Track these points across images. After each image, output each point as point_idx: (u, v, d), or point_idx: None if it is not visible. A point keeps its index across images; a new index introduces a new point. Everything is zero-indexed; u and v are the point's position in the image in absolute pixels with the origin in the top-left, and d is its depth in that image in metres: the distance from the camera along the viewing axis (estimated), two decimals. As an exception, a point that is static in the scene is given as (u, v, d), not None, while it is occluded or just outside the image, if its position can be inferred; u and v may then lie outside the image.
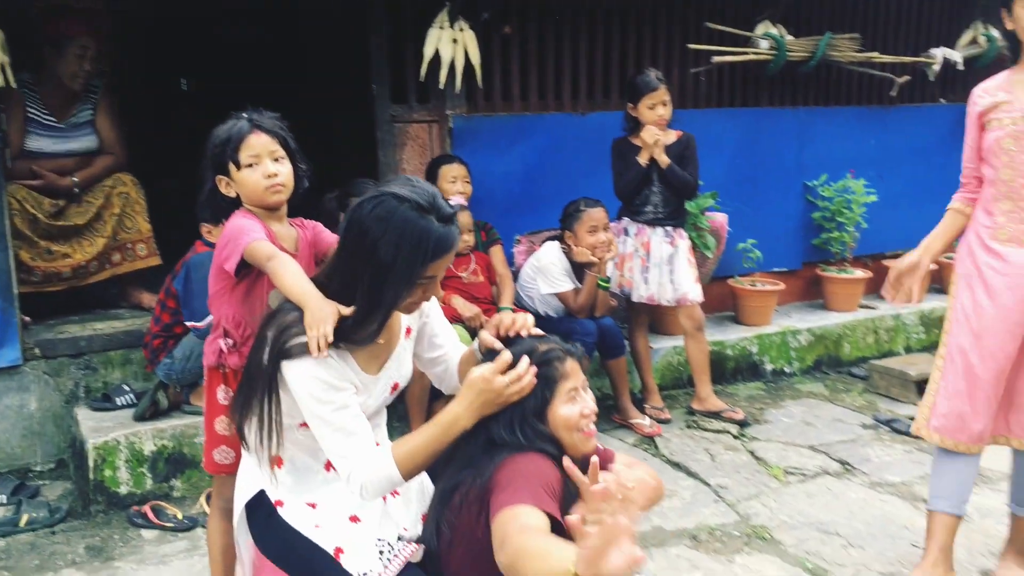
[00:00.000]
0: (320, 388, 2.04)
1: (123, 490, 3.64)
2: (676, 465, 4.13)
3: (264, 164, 2.50)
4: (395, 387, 2.30)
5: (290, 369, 2.06)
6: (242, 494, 2.34)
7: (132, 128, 4.87)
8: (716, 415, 4.58)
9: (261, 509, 2.29)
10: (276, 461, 2.23)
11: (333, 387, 2.05)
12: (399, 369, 2.29)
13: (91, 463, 3.58)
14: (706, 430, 4.51)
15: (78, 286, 4.33)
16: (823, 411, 4.83)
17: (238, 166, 2.50)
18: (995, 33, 6.00)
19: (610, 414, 4.60)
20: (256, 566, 2.39)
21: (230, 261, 2.43)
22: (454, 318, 4.11)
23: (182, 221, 3.75)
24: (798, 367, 5.40)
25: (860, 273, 5.73)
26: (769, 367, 5.31)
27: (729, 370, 5.19)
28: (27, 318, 4.04)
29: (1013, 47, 2.96)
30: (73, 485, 3.86)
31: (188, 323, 3.68)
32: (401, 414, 4.12)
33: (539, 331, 2.23)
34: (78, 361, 4.04)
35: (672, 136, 4.42)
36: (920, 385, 4.75)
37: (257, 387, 2.13)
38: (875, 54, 5.69)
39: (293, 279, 2.23)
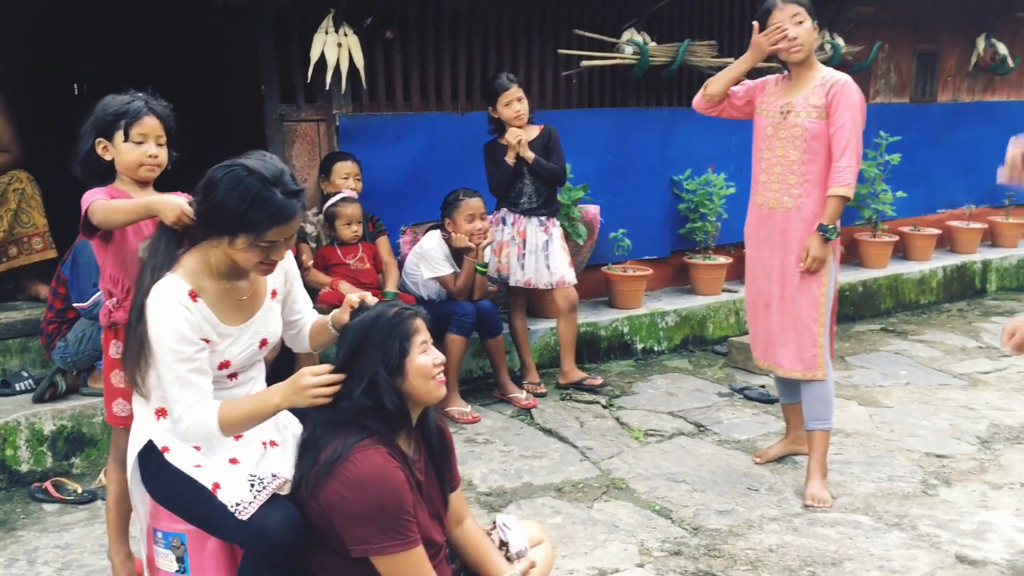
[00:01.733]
0: (173, 338, 2.35)
1: (24, 468, 3.85)
2: (548, 432, 4.53)
3: (148, 144, 2.84)
4: (263, 342, 2.61)
5: (151, 317, 2.36)
6: (134, 445, 2.62)
7: (30, 129, 5.03)
8: (578, 384, 5.01)
9: (151, 458, 2.58)
10: (160, 412, 2.52)
11: (184, 339, 2.36)
12: (266, 326, 2.61)
13: (-8, 443, 3.78)
14: (578, 401, 4.94)
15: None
16: (685, 383, 5.31)
17: (126, 138, 2.82)
18: (839, 41, 6.62)
19: (491, 390, 4.98)
20: (152, 513, 2.69)
21: (81, 224, 2.79)
22: (332, 303, 4.40)
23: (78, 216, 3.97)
24: (666, 346, 5.88)
25: (722, 260, 6.26)
26: (640, 346, 5.78)
27: (603, 349, 5.63)
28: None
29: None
30: (-26, 467, 4.03)
31: (76, 304, 3.90)
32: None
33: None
34: (-23, 349, 4.21)
35: (534, 131, 4.83)
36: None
37: (134, 337, 2.44)
38: (731, 59, 6.19)
39: (130, 204, 2.64)
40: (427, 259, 4.73)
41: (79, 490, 3.77)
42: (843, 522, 3.56)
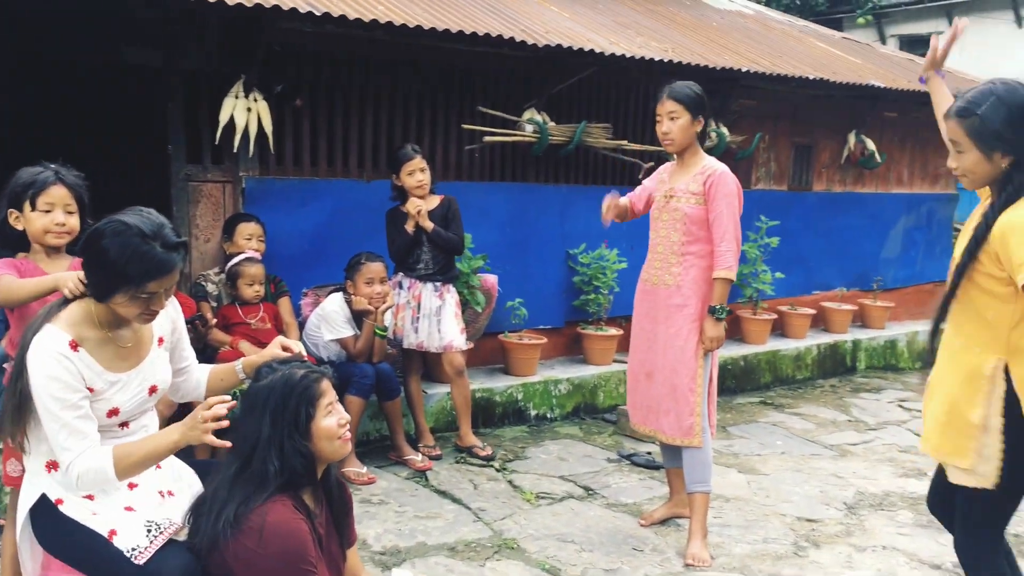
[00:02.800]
0: (55, 387, 2.42)
1: (-99, 522, 3.70)
2: (443, 493, 4.62)
3: (56, 212, 2.94)
4: (153, 389, 2.69)
5: (31, 369, 2.43)
6: (25, 501, 2.63)
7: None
8: (470, 450, 5.13)
9: (44, 512, 2.59)
10: (52, 465, 2.54)
11: (67, 386, 2.43)
12: (154, 373, 2.69)
13: None
14: (472, 464, 5.05)
15: None
16: (576, 449, 5.49)
17: (33, 208, 2.90)
18: (724, 130, 7.08)
19: (387, 452, 5.05)
20: (44, 564, 2.68)
21: None
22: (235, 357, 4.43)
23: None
24: (559, 412, 6.07)
25: (613, 331, 6.53)
26: (533, 412, 5.95)
27: (498, 415, 5.77)
28: None
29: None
30: None
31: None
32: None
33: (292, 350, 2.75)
34: None
35: (435, 201, 5.03)
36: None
37: (13, 393, 2.49)
38: (624, 141, 6.59)
39: (33, 283, 2.80)
40: (328, 321, 4.82)
41: (-41, 546, 3.66)
42: (720, 581, 3.76)
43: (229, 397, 2.48)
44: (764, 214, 7.31)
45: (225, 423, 2.42)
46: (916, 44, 17.43)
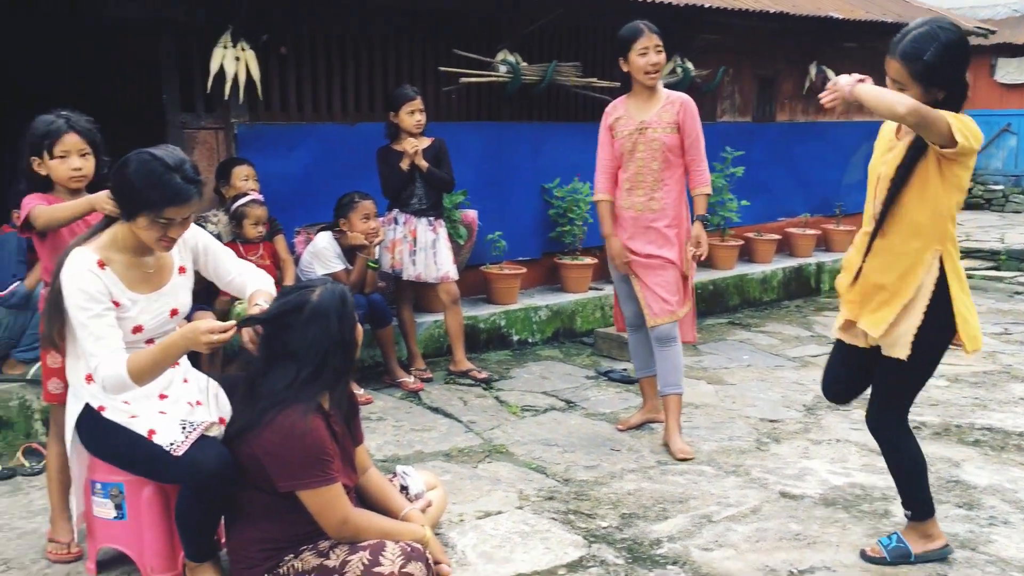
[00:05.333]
0: (82, 297, 2.78)
1: (-57, 449, 4.07)
2: (435, 410, 5.02)
3: (72, 159, 3.23)
4: (174, 312, 3.06)
5: (63, 281, 2.80)
6: (71, 411, 3.00)
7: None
8: (465, 374, 5.52)
9: (88, 419, 2.95)
10: (90, 377, 2.89)
11: (92, 298, 2.79)
12: (175, 297, 3.06)
13: (-88, 426, 3.99)
14: (461, 384, 5.45)
15: None
16: (557, 368, 5.90)
17: (51, 156, 3.20)
18: (689, 65, 7.39)
19: (381, 376, 5.44)
20: (89, 467, 3.05)
21: (20, 222, 3.26)
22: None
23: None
24: (540, 337, 6.47)
25: (589, 260, 6.91)
26: (515, 338, 6.34)
27: (482, 341, 6.16)
28: None
29: (627, 84, 4.45)
30: None
31: (-7, 293, 4.18)
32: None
33: None
34: None
35: (426, 142, 5.34)
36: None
37: (50, 301, 2.86)
38: (594, 79, 6.90)
39: (72, 204, 3.09)
40: (320, 257, 5.15)
41: (-1, 468, 4.03)
42: (690, 471, 4.19)
43: (232, 324, 2.79)
44: (729, 145, 7.65)
45: (223, 338, 2.74)
46: (880, -25, 17.60)
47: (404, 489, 3.33)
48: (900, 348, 3.13)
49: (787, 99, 8.76)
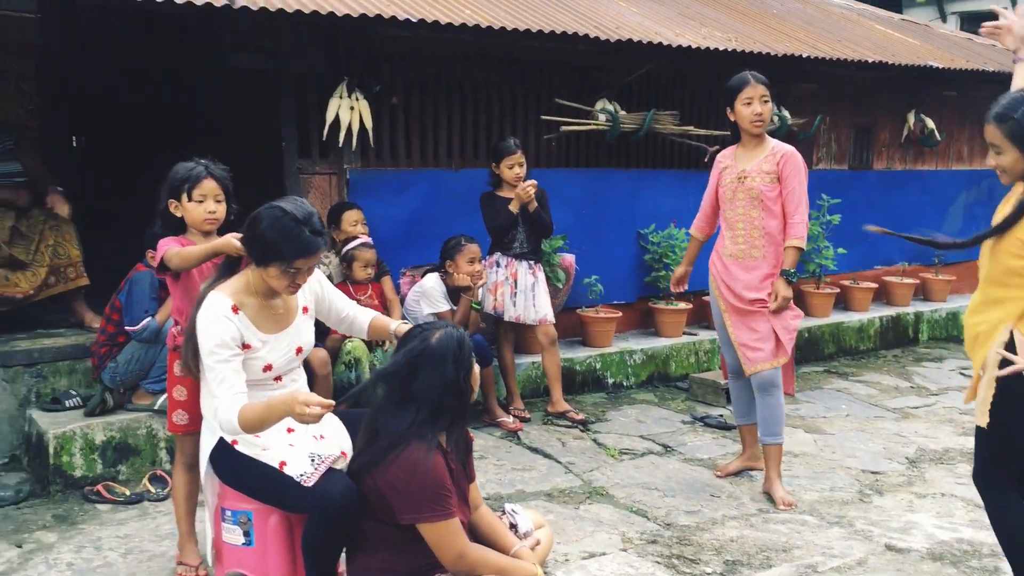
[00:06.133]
0: (214, 342, 2.96)
1: (78, 473, 4.34)
2: (534, 450, 5.12)
3: (208, 203, 3.46)
4: (299, 350, 3.23)
5: (199, 324, 2.99)
6: (206, 445, 3.19)
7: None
8: (563, 415, 5.62)
9: (222, 452, 3.14)
10: None
11: (223, 344, 2.96)
12: (299, 337, 3.23)
13: (51, 451, 4.27)
14: (558, 426, 5.54)
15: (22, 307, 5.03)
16: (652, 412, 5.95)
17: (189, 199, 3.43)
18: (786, 113, 7.43)
19: (481, 415, 5.56)
20: (220, 494, 3.23)
21: (155, 263, 3.48)
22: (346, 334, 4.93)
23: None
24: (634, 381, 6.53)
25: (683, 305, 6.95)
26: (610, 380, 6.42)
27: (578, 382, 6.25)
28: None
29: (735, 133, 4.52)
30: (28, 474, 4.50)
31: (128, 328, 4.44)
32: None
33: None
34: (31, 370, 4.71)
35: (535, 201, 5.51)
36: (728, 392, 5.93)
37: (189, 342, 3.07)
38: (691, 127, 6.99)
39: (201, 248, 3.28)
40: (427, 297, 5.33)
41: (127, 493, 4.27)
42: (792, 520, 4.19)
43: (331, 402, 2.90)
44: (826, 192, 7.64)
45: (316, 413, 2.83)
46: (977, 21, 17.34)
47: (513, 527, 3.42)
48: (979, 416, 3.07)
49: (884, 147, 8.70)
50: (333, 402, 2.90)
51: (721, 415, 5.82)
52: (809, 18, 8.81)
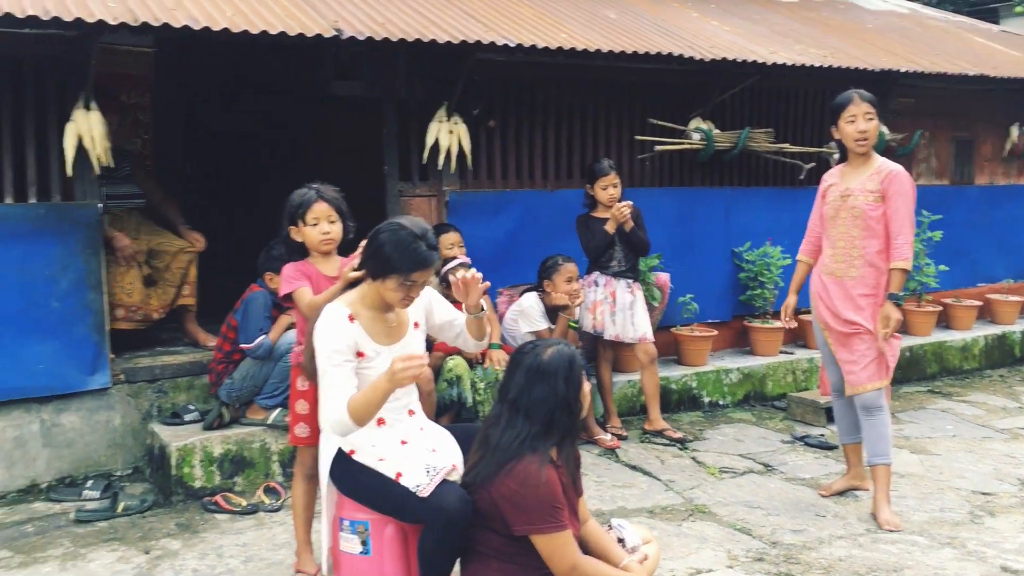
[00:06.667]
0: (329, 347, 3.09)
1: (197, 484, 4.54)
2: (633, 467, 5.14)
3: (322, 224, 3.61)
4: None
5: (316, 331, 3.13)
6: (325, 455, 3.31)
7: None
8: (660, 433, 5.62)
9: (340, 462, 3.26)
10: None
11: (338, 350, 3.09)
12: (410, 349, 3.30)
13: (173, 462, 4.49)
14: (656, 444, 5.55)
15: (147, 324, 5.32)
16: (751, 431, 5.91)
17: (304, 222, 3.59)
18: (884, 129, 7.32)
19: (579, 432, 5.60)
20: (338, 504, 3.35)
21: (280, 293, 3.69)
22: (447, 352, 5.05)
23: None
24: (730, 400, 6.49)
25: (779, 324, 6.85)
26: (706, 399, 6.39)
27: (673, 401, 6.24)
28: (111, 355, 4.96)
29: (842, 151, 4.51)
30: (151, 485, 4.74)
31: (242, 346, 4.64)
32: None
33: None
34: (153, 386, 4.96)
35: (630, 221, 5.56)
36: (829, 411, 5.85)
37: (310, 355, 3.21)
38: (786, 145, 6.95)
39: (325, 295, 3.43)
40: (526, 316, 5.42)
41: (243, 503, 4.45)
42: (902, 541, 4.12)
43: (424, 355, 3.02)
44: (926, 209, 7.47)
45: (418, 368, 2.92)
46: (1081, 29, 16.73)
47: (621, 541, 3.46)
48: None
49: (986, 161, 8.48)
50: (426, 355, 3.02)
51: (822, 434, 5.75)
52: (905, 31, 8.66)
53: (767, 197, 7.10)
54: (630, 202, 5.47)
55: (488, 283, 3.35)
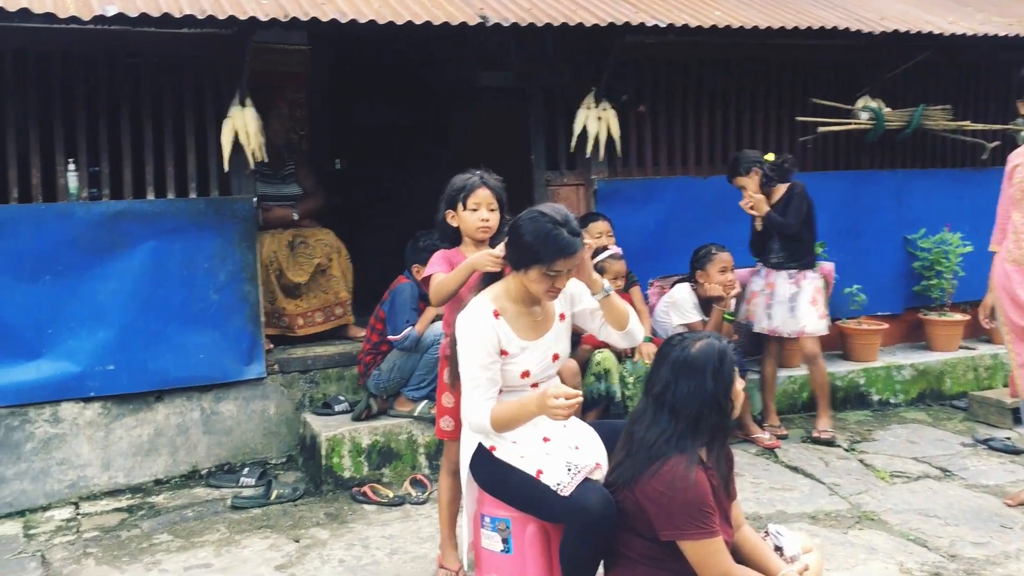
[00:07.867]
0: (472, 346, 2.97)
1: (346, 474, 4.59)
2: (794, 469, 4.83)
3: (481, 211, 3.50)
4: (555, 356, 3.18)
5: (459, 327, 3.03)
6: (466, 451, 3.23)
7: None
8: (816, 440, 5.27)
9: (481, 458, 3.17)
10: None
11: (483, 348, 2.97)
12: (557, 343, 3.18)
13: (323, 452, 4.55)
14: (819, 444, 5.20)
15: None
16: (926, 433, 5.46)
17: (464, 207, 3.50)
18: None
19: (733, 430, 5.33)
20: (479, 501, 3.27)
21: (421, 276, 3.65)
22: (595, 345, 4.91)
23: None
24: (903, 398, 6.03)
25: (959, 317, 6.35)
26: (875, 397, 5.96)
27: (839, 399, 5.85)
28: (269, 345, 5.10)
29: None
30: (303, 473, 4.83)
31: (390, 337, 4.65)
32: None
33: None
34: (305, 376, 5.07)
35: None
36: (1016, 412, 5.33)
37: (453, 347, 3.11)
38: (967, 123, 6.40)
39: (453, 274, 3.35)
40: (678, 308, 5.19)
41: (391, 495, 4.46)
42: (1105, 560, 3.67)
43: (578, 392, 2.86)
44: None
45: (569, 410, 2.81)
46: None
47: (778, 549, 3.21)
48: None
49: None
50: (580, 393, 2.86)
51: (1008, 438, 5.24)
52: (1105, -7, 7.81)
53: (944, 179, 6.56)
54: (751, 195, 5.16)
55: (591, 245, 3.16)
